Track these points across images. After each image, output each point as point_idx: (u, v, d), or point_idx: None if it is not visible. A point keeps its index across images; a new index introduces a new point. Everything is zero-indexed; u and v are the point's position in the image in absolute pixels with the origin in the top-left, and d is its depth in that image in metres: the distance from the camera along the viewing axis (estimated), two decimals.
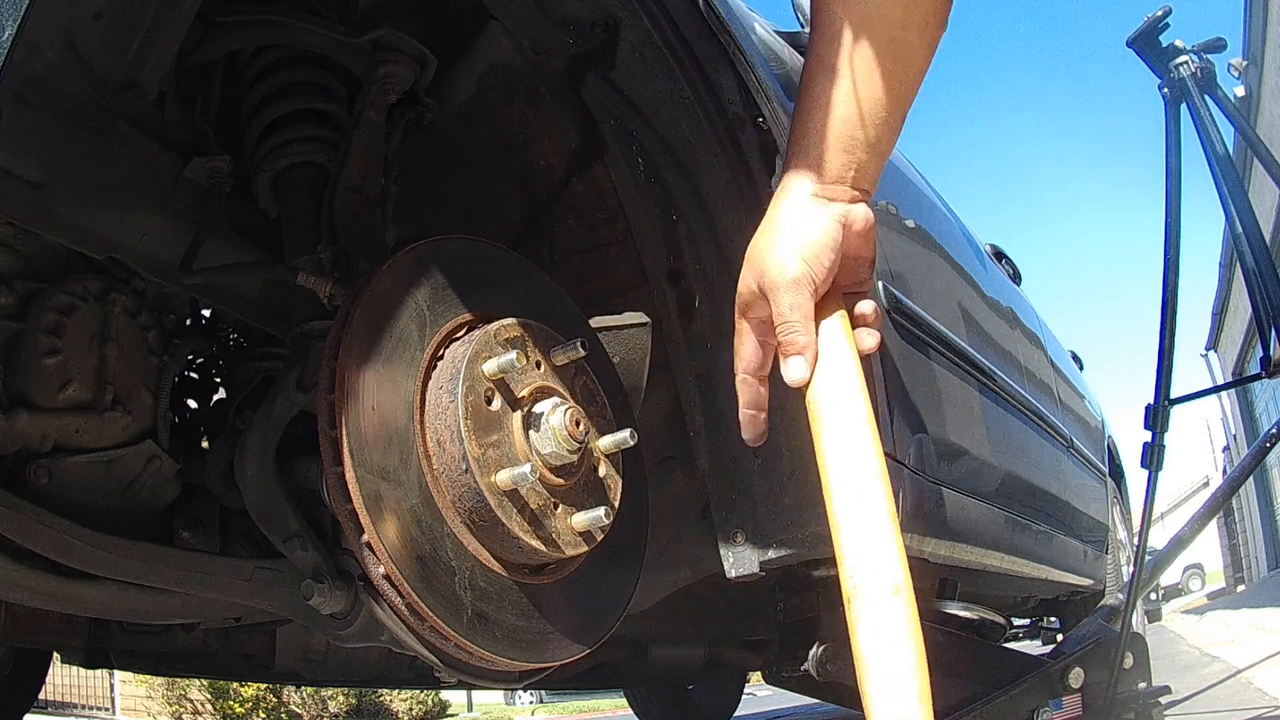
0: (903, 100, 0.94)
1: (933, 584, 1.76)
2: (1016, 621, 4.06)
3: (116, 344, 1.16)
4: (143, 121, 1.08)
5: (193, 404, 1.45)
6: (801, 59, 1.70)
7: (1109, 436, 4.29)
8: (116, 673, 8.65)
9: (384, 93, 1.19)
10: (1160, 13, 2.13)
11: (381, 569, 0.91)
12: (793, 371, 0.92)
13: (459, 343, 1.02)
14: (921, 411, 1.60)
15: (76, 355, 1.12)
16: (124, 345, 1.17)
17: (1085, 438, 3.48)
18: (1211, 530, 17.46)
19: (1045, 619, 4.09)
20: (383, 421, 0.94)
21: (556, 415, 1.00)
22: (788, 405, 1.34)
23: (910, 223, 1.92)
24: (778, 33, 1.71)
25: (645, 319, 1.27)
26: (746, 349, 0.97)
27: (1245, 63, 8.69)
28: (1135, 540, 3.66)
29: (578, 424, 1.01)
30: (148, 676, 7.57)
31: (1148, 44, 2.16)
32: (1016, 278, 3.50)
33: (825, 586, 1.55)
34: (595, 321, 1.25)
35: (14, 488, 1.03)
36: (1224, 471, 17.54)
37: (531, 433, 1.00)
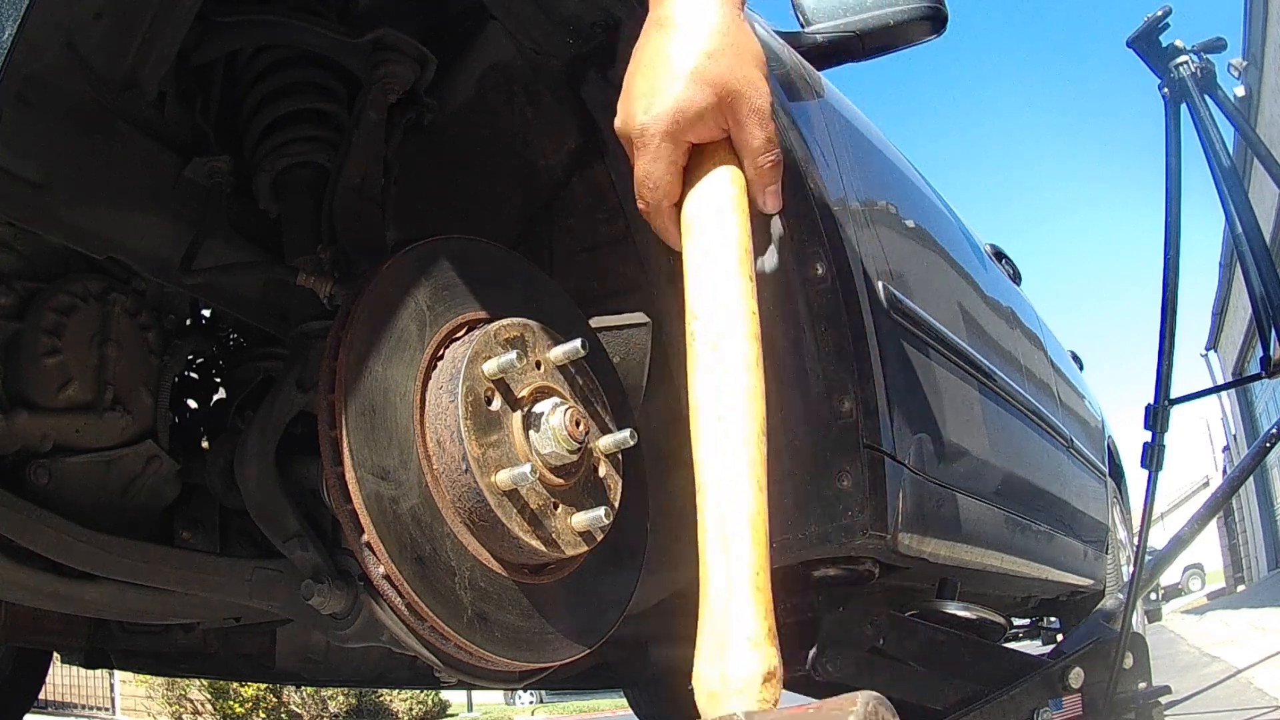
0: None
1: (933, 584, 1.76)
2: (1016, 621, 4.05)
3: (116, 344, 1.16)
4: (143, 121, 1.08)
5: (193, 404, 1.46)
6: (801, 59, 1.70)
7: (1109, 436, 4.29)
8: (116, 673, 8.65)
9: (384, 93, 1.19)
10: (1160, 13, 2.14)
11: (381, 569, 0.91)
12: (775, 202, 0.82)
13: (459, 343, 1.02)
14: (921, 411, 1.60)
15: (76, 355, 1.12)
16: (124, 345, 1.17)
17: (1085, 438, 3.48)
18: (1211, 530, 17.45)
19: (1045, 619, 4.09)
20: (383, 421, 0.94)
21: (556, 415, 1.00)
22: (787, 406, 1.35)
23: (910, 223, 1.92)
24: (778, 33, 1.71)
25: (645, 319, 1.27)
26: (669, 176, 0.82)
27: (1245, 63, 8.69)
28: (1135, 540, 3.66)
29: (578, 424, 1.01)
30: (148, 676, 7.57)
31: (1148, 44, 2.16)
32: (1016, 278, 3.50)
33: (825, 586, 1.55)
34: (595, 321, 1.25)
35: (14, 488, 1.03)
36: (1224, 471, 17.54)
37: (531, 433, 1.00)
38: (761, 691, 0.69)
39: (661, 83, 0.81)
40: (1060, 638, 3.37)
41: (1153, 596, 11.29)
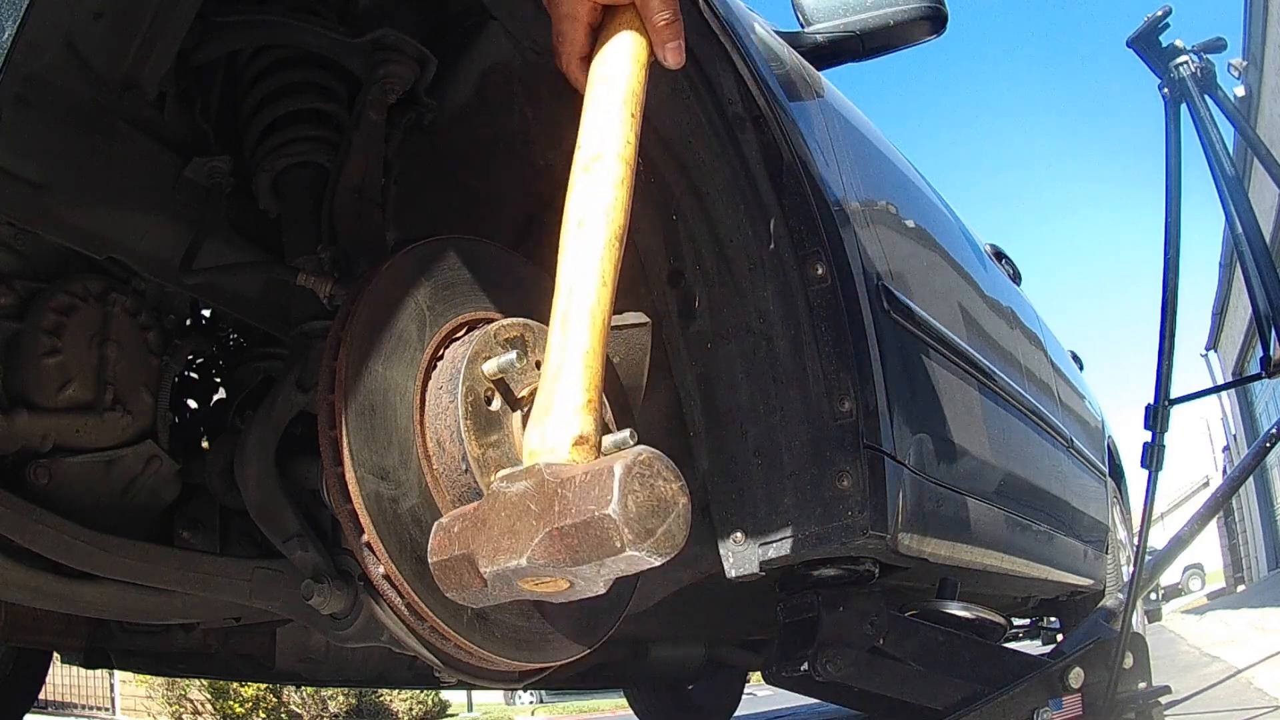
0: None
1: (933, 584, 1.76)
2: (1016, 621, 4.06)
3: (116, 344, 1.16)
4: (143, 121, 1.08)
5: (193, 404, 1.46)
6: (801, 59, 1.70)
7: (1109, 436, 4.29)
8: (116, 673, 8.65)
9: (384, 93, 1.19)
10: (1160, 13, 2.13)
11: (381, 569, 0.91)
12: (676, 58, 0.90)
13: (459, 343, 1.02)
14: (921, 411, 1.60)
15: (76, 355, 1.12)
16: (124, 345, 1.17)
17: (1085, 438, 3.48)
18: (1211, 530, 17.45)
19: (1045, 619, 4.09)
20: (383, 421, 0.94)
21: None
22: (787, 406, 1.35)
23: (910, 223, 1.92)
24: (778, 33, 1.71)
25: (645, 319, 1.27)
26: (579, 33, 0.91)
27: (1245, 63, 8.69)
28: (1135, 540, 3.66)
29: None
30: (148, 676, 7.57)
31: (1148, 44, 2.16)
32: (1016, 278, 3.50)
33: (825, 586, 1.56)
34: None
35: (14, 488, 1.03)
36: (1224, 471, 17.54)
37: None
38: (571, 452, 0.76)
39: None
40: (1060, 638, 3.38)
41: (1153, 596, 11.29)
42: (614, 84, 0.88)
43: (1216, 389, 7.95)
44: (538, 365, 1.05)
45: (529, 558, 0.72)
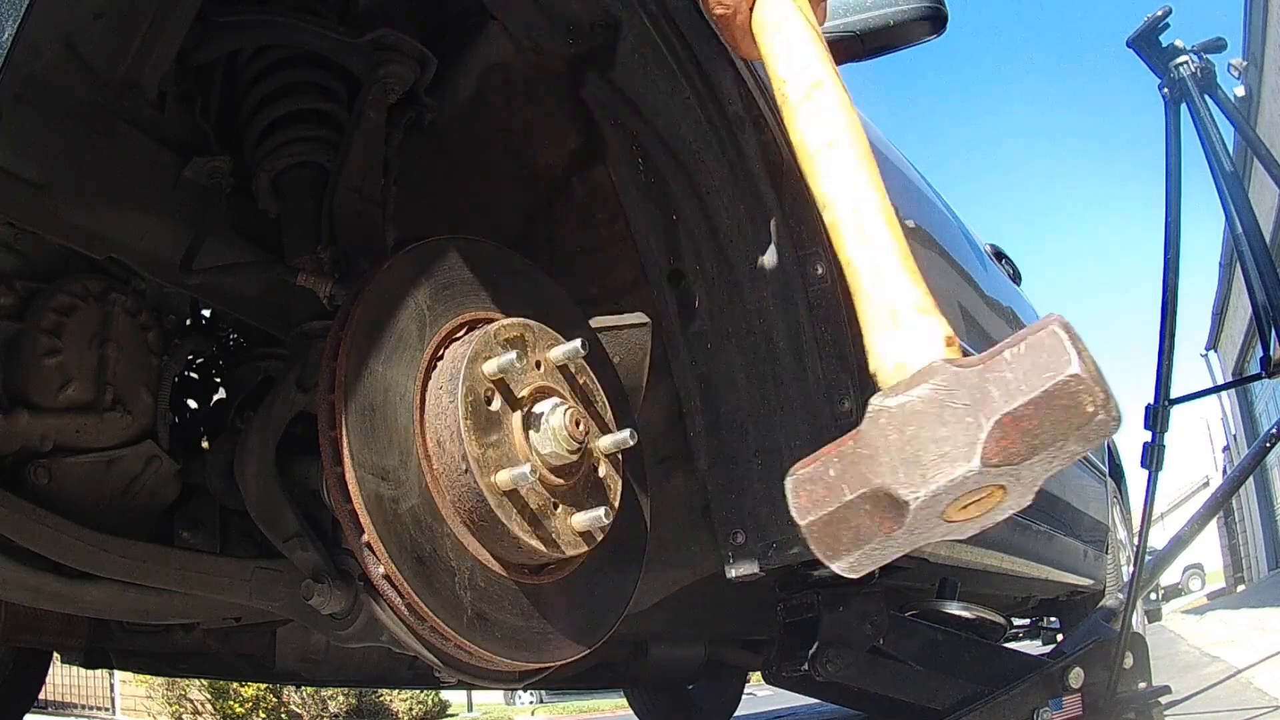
0: None
1: (933, 584, 1.77)
2: (1016, 621, 4.06)
3: (116, 344, 1.16)
4: (143, 121, 1.08)
5: (193, 404, 1.45)
6: None
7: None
8: (116, 673, 8.65)
9: (384, 93, 1.19)
10: (1160, 13, 2.13)
11: (381, 569, 0.91)
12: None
13: (459, 343, 1.02)
14: None
15: (76, 355, 1.12)
16: (124, 345, 1.17)
17: None
18: (1211, 530, 17.44)
19: (1045, 619, 4.09)
20: (383, 421, 0.94)
21: (556, 415, 1.00)
22: (787, 406, 1.35)
23: (910, 223, 1.92)
24: None
25: (645, 319, 1.27)
26: None
27: (1245, 63, 8.68)
28: (1135, 540, 3.66)
29: (578, 424, 1.01)
30: (148, 676, 7.57)
31: (1148, 44, 2.16)
32: (1016, 278, 3.50)
33: (825, 586, 1.55)
34: (595, 321, 1.25)
35: (14, 488, 1.03)
36: (1224, 471, 17.53)
37: (531, 433, 1.00)
38: (948, 352, 0.68)
39: None
40: (1060, 638, 3.37)
41: (1153, 596, 11.28)
42: (797, 23, 0.90)
43: (1216, 389, 7.95)
44: (538, 365, 1.05)
45: (982, 457, 0.61)
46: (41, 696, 2.63)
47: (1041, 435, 0.60)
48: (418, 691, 9.14)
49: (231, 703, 8.35)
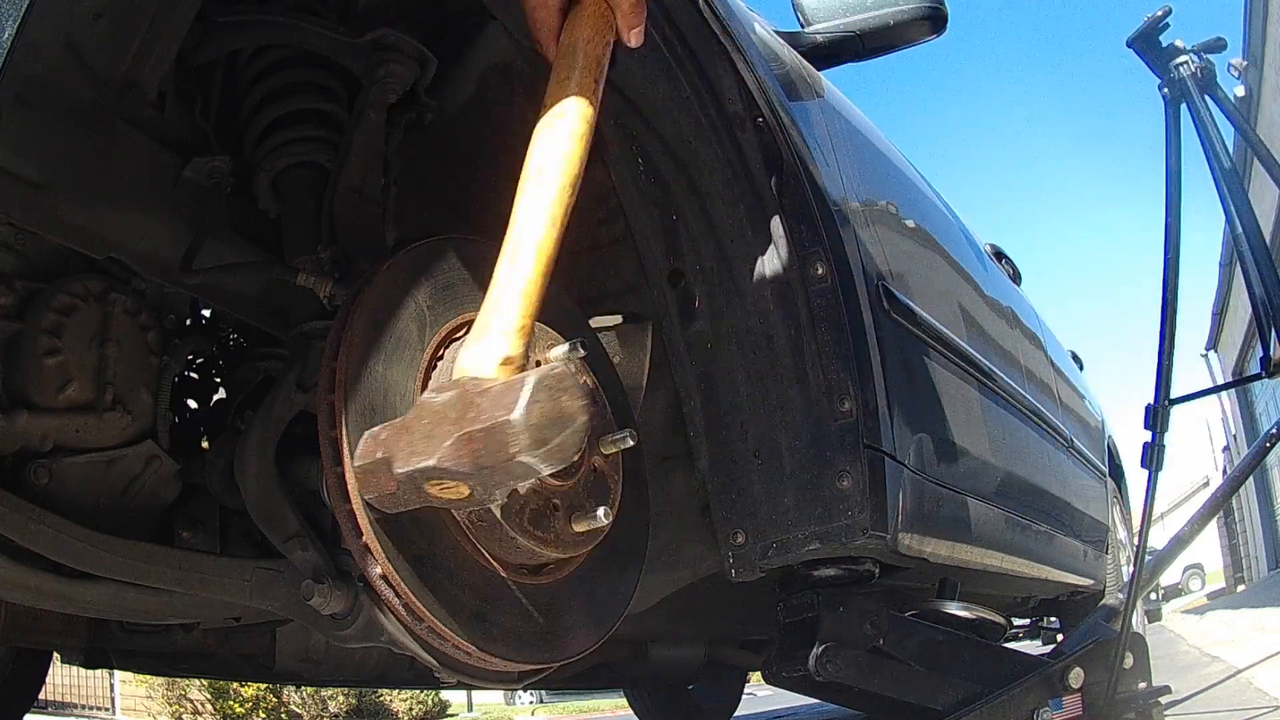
0: None
1: (933, 584, 1.76)
2: (1016, 621, 4.05)
3: (116, 344, 1.16)
4: (143, 121, 1.08)
5: (193, 404, 1.45)
6: (801, 59, 1.70)
7: (1109, 436, 4.29)
8: (116, 673, 8.65)
9: (384, 93, 1.19)
10: (1160, 13, 2.13)
11: (379, 569, 0.91)
12: (638, 39, 0.98)
13: (459, 342, 1.02)
14: (921, 411, 1.60)
15: (76, 355, 1.12)
16: (124, 345, 1.17)
17: (1085, 438, 3.48)
18: (1211, 530, 17.43)
19: (1045, 619, 4.09)
20: (383, 421, 0.94)
21: None
22: (787, 406, 1.35)
23: (910, 223, 1.92)
24: (778, 33, 1.71)
25: (645, 319, 1.27)
26: (552, 15, 0.98)
27: (1245, 63, 8.68)
28: (1135, 540, 3.66)
29: None
30: (148, 676, 7.57)
31: (1148, 44, 2.16)
32: (1016, 278, 3.50)
33: (825, 586, 1.56)
34: (595, 321, 1.25)
35: (14, 488, 1.03)
36: (1224, 471, 17.52)
37: None
38: (497, 370, 0.83)
39: None
40: (1060, 638, 3.37)
41: (1153, 596, 11.28)
42: (577, 53, 0.95)
43: (1216, 389, 7.96)
44: (538, 365, 1.05)
45: (438, 459, 0.78)
46: (41, 696, 2.63)
47: (482, 455, 0.76)
48: (418, 691, 9.14)
49: (231, 703, 8.35)
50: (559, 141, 0.92)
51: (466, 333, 1.03)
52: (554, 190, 0.90)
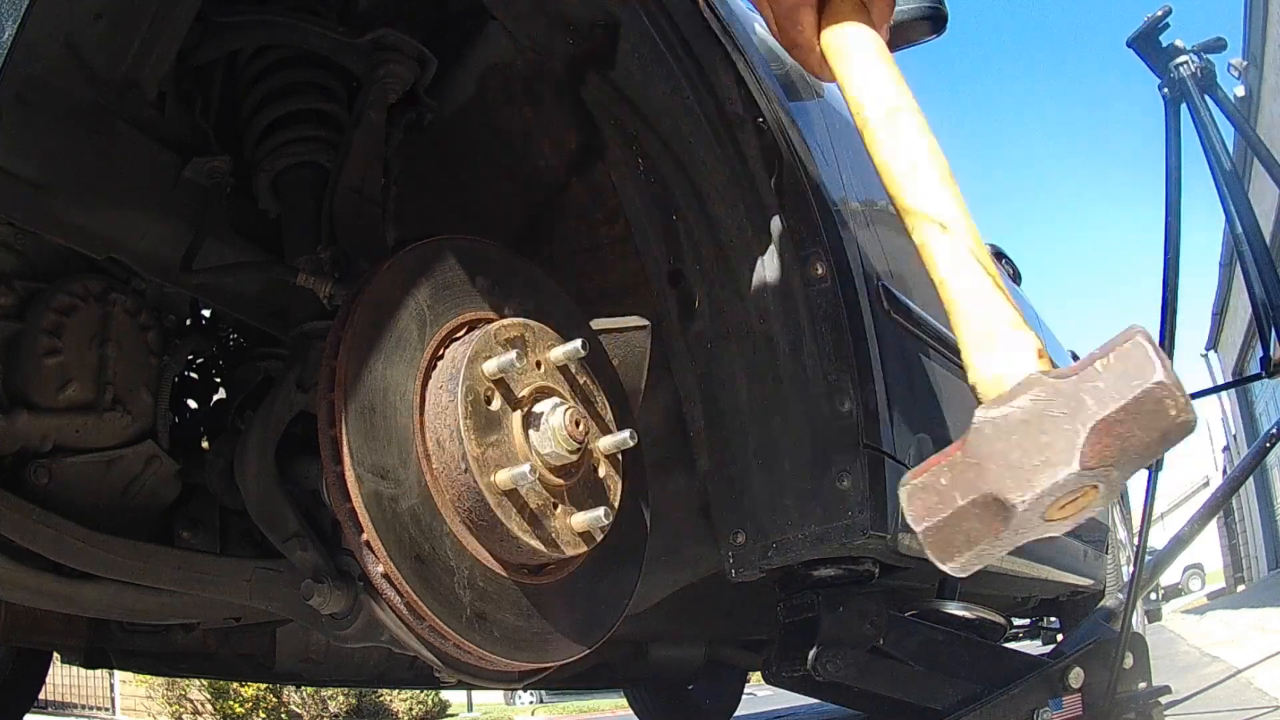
0: None
1: (933, 584, 1.76)
2: (1016, 621, 4.06)
3: (116, 344, 1.16)
4: (143, 121, 1.08)
5: (193, 404, 1.45)
6: None
7: None
8: (116, 673, 8.65)
9: (384, 93, 1.19)
10: (1160, 13, 2.13)
11: (380, 568, 0.91)
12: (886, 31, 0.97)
13: (459, 343, 1.02)
14: (921, 411, 1.60)
15: (76, 355, 1.12)
16: (124, 345, 1.17)
17: None
18: (1211, 530, 17.42)
19: (1045, 619, 4.09)
20: (382, 421, 0.94)
21: (556, 415, 1.00)
22: (787, 406, 1.35)
23: None
24: None
25: (645, 322, 1.27)
26: (811, 16, 0.98)
27: (1245, 63, 8.68)
28: (1135, 540, 3.66)
29: (577, 424, 1.01)
30: (148, 676, 7.57)
31: (1148, 44, 2.16)
32: (1016, 277, 3.50)
33: (825, 586, 1.55)
34: (595, 324, 1.25)
35: (14, 488, 1.03)
36: (1224, 471, 17.51)
37: (531, 432, 1.00)
38: (1039, 363, 0.75)
39: None
40: (1060, 638, 3.37)
41: (1153, 596, 11.28)
42: (869, 47, 0.93)
43: (1216, 389, 7.95)
44: (538, 365, 1.05)
45: (1080, 459, 0.67)
46: (41, 696, 2.63)
47: (1131, 438, 0.66)
48: (418, 691, 9.15)
49: (231, 703, 8.35)
50: (915, 135, 0.88)
51: (467, 332, 1.04)
52: (946, 183, 0.86)
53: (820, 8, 0.96)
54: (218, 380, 1.47)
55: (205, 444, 1.41)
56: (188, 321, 1.34)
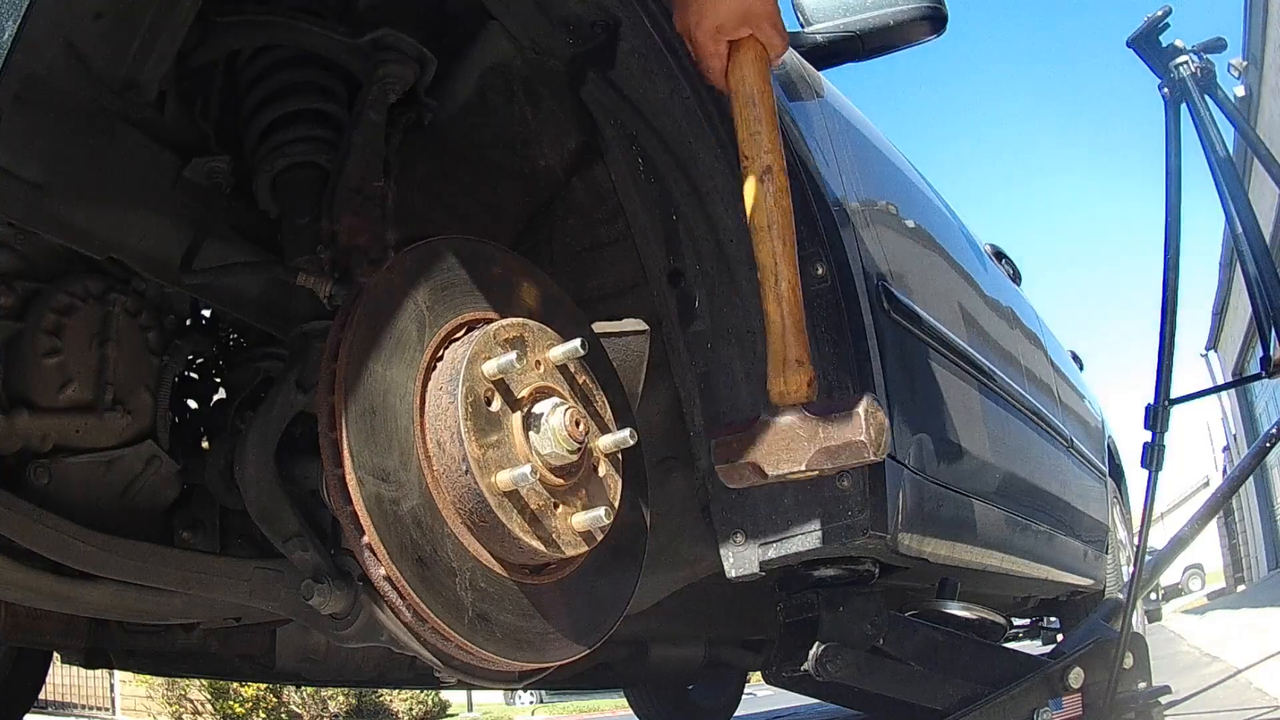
0: None
1: (933, 584, 1.76)
2: (1016, 621, 4.06)
3: (116, 344, 1.16)
4: (143, 122, 1.08)
5: (193, 404, 1.45)
6: (801, 59, 1.70)
7: (1109, 436, 4.29)
8: (116, 673, 8.64)
9: (384, 93, 1.19)
10: (1160, 13, 2.13)
11: (382, 570, 0.91)
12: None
13: (459, 343, 1.02)
14: (921, 411, 1.60)
15: (76, 355, 1.12)
16: (124, 345, 1.17)
17: (1085, 438, 3.48)
18: (1211, 530, 17.42)
19: (1045, 619, 4.09)
20: (383, 423, 0.94)
21: (556, 415, 1.00)
22: None
23: (910, 223, 1.92)
24: None
25: (644, 326, 1.27)
26: (720, 64, 1.19)
27: (1245, 63, 8.66)
28: (1135, 540, 3.66)
29: (577, 424, 1.01)
30: (148, 676, 7.57)
31: (1148, 44, 2.16)
32: (1016, 278, 3.50)
33: (825, 586, 1.55)
34: (594, 328, 1.25)
35: (14, 488, 1.03)
36: (1224, 471, 17.50)
37: (531, 433, 1.00)
38: (807, 392, 1.14)
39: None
40: (1060, 638, 3.37)
41: (1153, 596, 11.27)
42: (758, 104, 1.16)
43: (1216, 389, 7.96)
44: (537, 365, 1.05)
45: (806, 465, 1.11)
46: (41, 696, 2.63)
47: (840, 459, 1.10)
48: (418, 691, 9.15)
49: (231, 703, 8.35)
50: (775, 196, 1.14)
51: (466, 333, 1.04)
52: (784, 238, 1.13)
53: (731, 50, 1.17)
54: (218, 380, 1.47)
55: (205, 444, 1.41)
56: (188, 321, 1.34)
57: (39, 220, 1.00)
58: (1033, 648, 3.53)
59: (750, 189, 1.14)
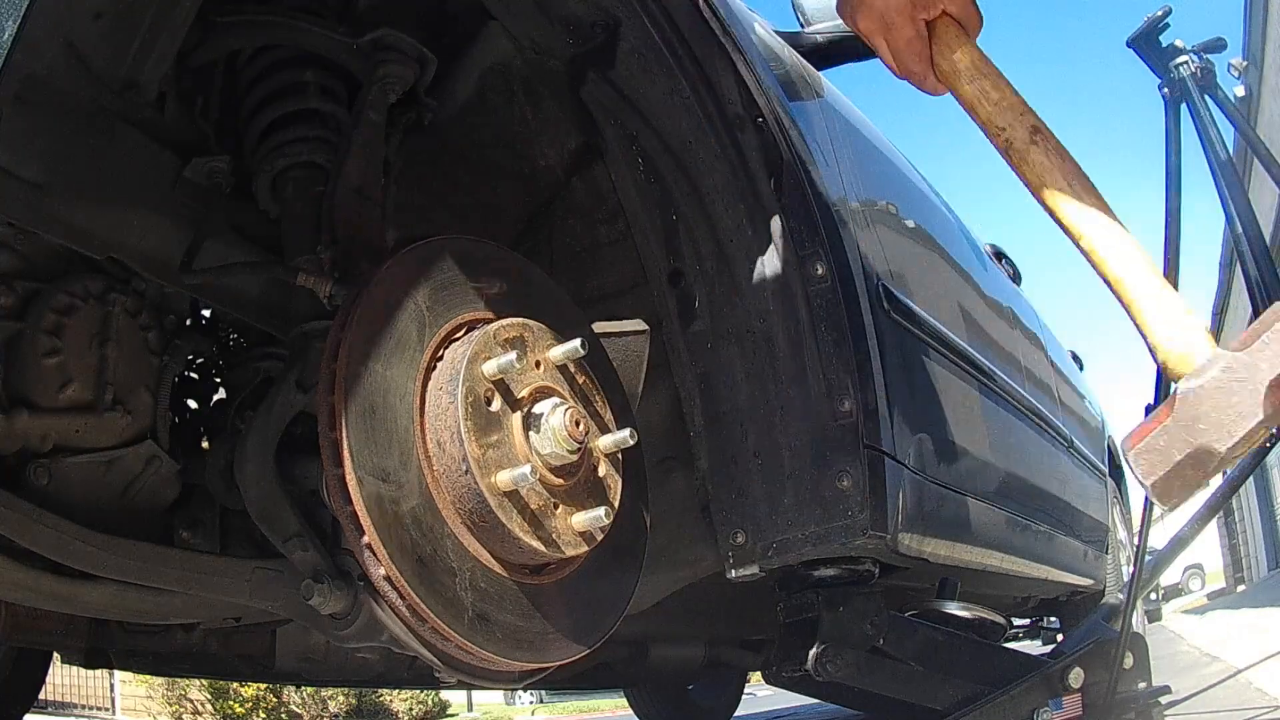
0: None
1: (933, 584, 1.76)
2: (1016, 621, 4.05)
3: (116, 344, 1.16)
4: (143, 122, 1.08)
5: (193, 404, 1.45)
6: (801, 59, 1.70)
7: (1109, 436, 4.29)
8: (116, 673, 8.64)
9: (384, 93, 1.19)
10: (1160, 13, 2.13)
11: (382, 570, 0.91)
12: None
13: (458, 343, 1.02)
14: (921, 411, 1.60)
15: (76, 355, 1.12)
16: (124, 345, 1.17)
17: (1085, 438, 3.48)
18: (1211, 530, 17.41)
19: (1045, 619, 4.09)
20: (383, 423, 0.94)
21: (556, 415, 1.00)
22: (787, 406, 1.35)
23: (910, 223, 1.92)
24: (777, 33, 1.71)
25: (644, 326, 1.27)
26: (923, 49, 1.06)
27: (1245, 63, 8.66)
28: (1135, 540, 3.66)
29: (577, 424, 1.01)
30: (148, 676, 7.57)
31: (1148, 44, 2.16)
32: (1016, 278, 3.50)
33: (825, 586, 1.56)
34: (594, 328, 1.25)
35: (14, 488, 1.03)
36: (1224, 472, 17.46)
37: (531, 433, 1.00)
38: (1208, 340, 0.94)
39: None
40: (1060, 638, 3.37)
41: (1153, 596, 11.27)
42: (979, 69, 1.05)
43: None
44: (537, 365, 1.05)
45: (1264, 409, 0.87)
46: (41, 696, 2.63)
47: None
48: (418, 691, 9.15)
49: (231, 703, 8.35)
50: (1058, 153, 1.03)
51: (466, 333, 1.04)
52: (1090, 191, 1.01)
53: (929, 36, 1.06)
54: (218, 380, 1.47)
55: (205, 444, 1.41)
56: (188, 321, 1.34)
57: (39, 220, 1.00)
58: (1033, 648, 3.53)
59: (1030, 156, 1.02)
